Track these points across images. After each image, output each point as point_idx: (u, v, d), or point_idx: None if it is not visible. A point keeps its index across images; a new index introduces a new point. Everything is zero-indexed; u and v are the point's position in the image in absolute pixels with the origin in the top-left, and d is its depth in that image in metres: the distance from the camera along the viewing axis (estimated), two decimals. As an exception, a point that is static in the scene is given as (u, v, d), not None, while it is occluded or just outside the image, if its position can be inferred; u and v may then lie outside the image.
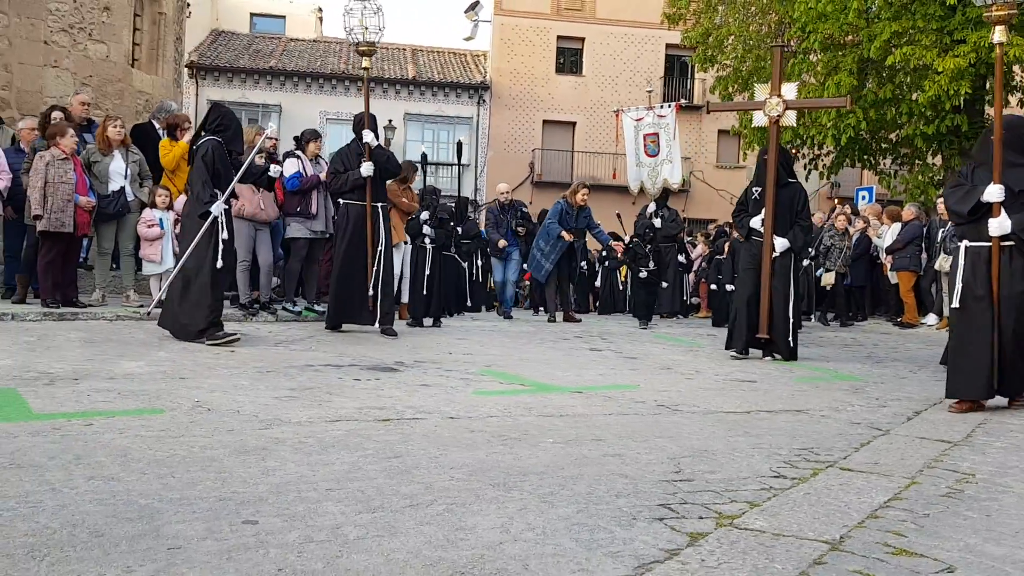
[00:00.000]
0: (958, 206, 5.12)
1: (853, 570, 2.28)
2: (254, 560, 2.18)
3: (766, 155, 7.52)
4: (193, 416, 3.93)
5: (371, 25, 7.87)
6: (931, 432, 4.34)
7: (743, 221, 7.55)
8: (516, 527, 2.54)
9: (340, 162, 7.89)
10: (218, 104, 7.62)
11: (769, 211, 7.26)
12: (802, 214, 7.47)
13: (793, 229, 7.35)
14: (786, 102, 7.58)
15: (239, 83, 28.42)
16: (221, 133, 6.97)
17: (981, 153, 5.24)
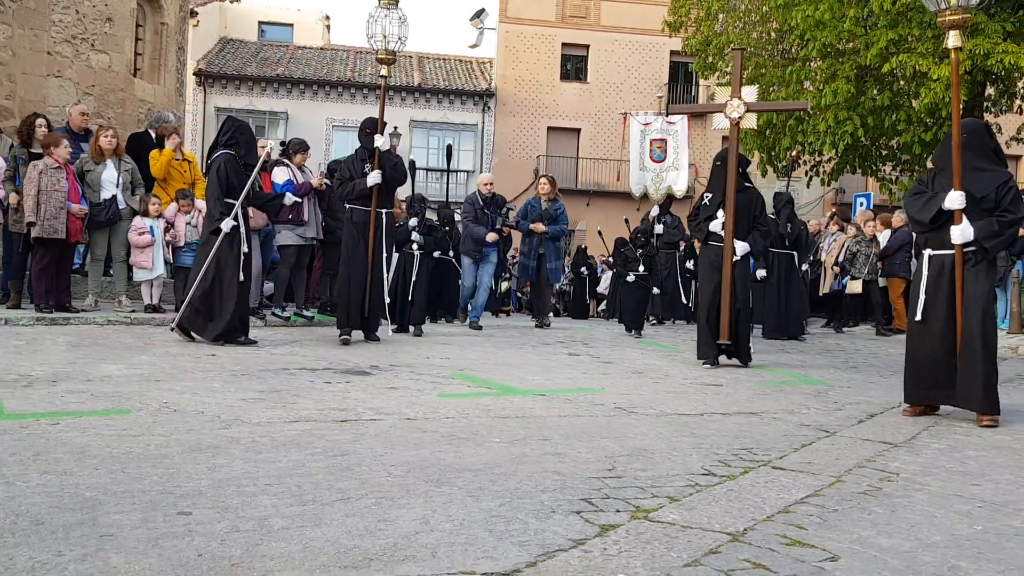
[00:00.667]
0: (919, 214, 5.07)
1: (743, 558, 2.42)
2: (178, 547, 2.35)
3: (719, 161, 7.57)
4: (157, 416, 4.10)
5: (391, 34, 7.87)
6: (877, 434, 4.46)
7: (700, 226, 7.55)
8: (436, 519, 2.69)
9: (347, 169, 7.88)
10: (231, 117, 7.79)
11: (730, 215, 7.29)
12: (760, 218, 7.58)
13: (752, 233, 7.43)
14: (747, 104, 7.62)
15: (246, 91, 28.73)
16: (234, 146, 7.19)
17: (941, 159, 5.19)
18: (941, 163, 5.16)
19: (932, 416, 5.07)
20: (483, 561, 2.35)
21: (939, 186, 5.06)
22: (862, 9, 16.40)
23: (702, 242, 7.63)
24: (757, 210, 7.56)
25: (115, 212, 8.41)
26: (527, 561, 2.36)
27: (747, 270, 7.44)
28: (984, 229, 4.84)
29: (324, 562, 2.28)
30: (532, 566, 2.33)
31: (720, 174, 7.49)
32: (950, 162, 4.97)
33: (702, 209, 7.55)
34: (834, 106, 16.62)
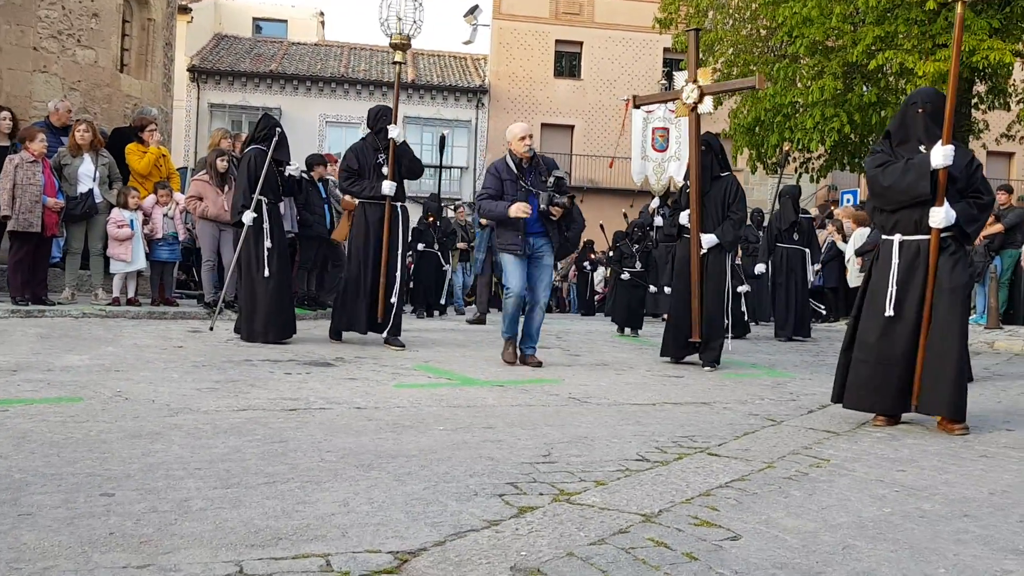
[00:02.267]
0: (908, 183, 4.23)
1: (648, 537, 2.47)
2: (92, 525, 2.40)
3: (704, 145, 7.12)
4: (107, 405, 4.15)
5: (406, 17, 7.42)
6: (822, 424, 4.51)
7: (674, 219, 7.24)
8: (356, 502, 2.74)
9: (355, 159, 7.25)
10: (268, 114, 7.86)
11: (694, 206, 6.86)
12: (734, 206, 7.01)
13: (723, 224, 6.91)
14: (701, 88, 7.14)
15: (240, 87, 28.78)
16: (264, 141, 7.31)
17: (902, 130, 4.48)
18: (902, 134, 4.47)
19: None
20: (391, 540, 2.40)
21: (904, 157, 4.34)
22: (849, 6, 16.46)
23: (677, 235, 7.24)
24: (731, 198, 7.02)
25: (91, 206, 8.47)
26: (435, 540, 2.41)
27: (721, 264, 6.90)
28: (965, 212, 4.30)
29: (232, 540, 2.33)
30: (440, 545, 2.38)
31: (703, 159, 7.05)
32: (913, 132, 4.39)
33: (683, 199, 7.25)
34: (821, 103, 16.68)
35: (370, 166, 7.19)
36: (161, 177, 9.22)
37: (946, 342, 4.22)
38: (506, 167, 6.56)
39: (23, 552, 2.18)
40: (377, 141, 7.25)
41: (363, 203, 7.22)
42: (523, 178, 6.45)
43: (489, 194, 6.51)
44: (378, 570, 2.18)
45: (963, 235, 4.35)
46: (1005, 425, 4.54)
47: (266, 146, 7.26)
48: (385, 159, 7.15)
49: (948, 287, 4.27)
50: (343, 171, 7.30)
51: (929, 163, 4.18)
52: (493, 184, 6.51)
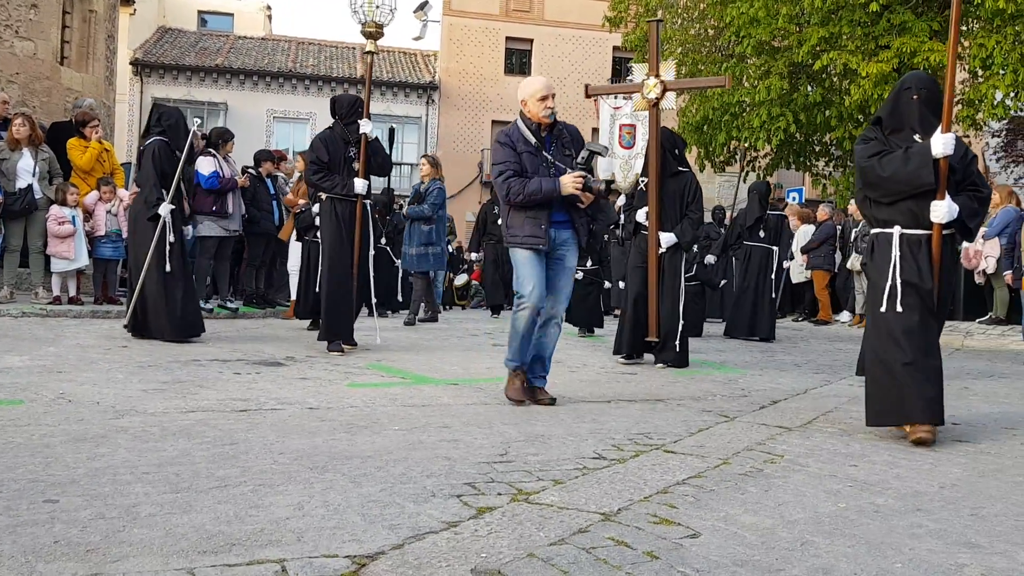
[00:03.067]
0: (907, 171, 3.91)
1: (608, 536, 2.46)
2: (36, 534, 2.31)
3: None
4: (50, 407, 4.03)
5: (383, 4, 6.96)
6: (775, 419, 4.56)
7: (630, 216, 7.05)
8: (311, 505, 2.69)
9: (324, 150, 6.72)
10: (158, 103, 7.53)
11: (653, 203, 6.68)
12: (692, 206, 6.86)
13: (681, 223, 6.76)
14: (664, 83, 6.93)
15: (185, 81, 28.24)
16: (163, 133, 7.03)
17: (895, 117, 4.17)
18: (895, 122, 4.17)
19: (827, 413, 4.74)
20: (349, 544, 2.35)
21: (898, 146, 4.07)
22: (795, 7, 16.72)
23: (632, 233, 7.03)
24: (689, 196, 6.86)
25: (31, 201, 8.23)
26: (393, 543, 2.37)
27: (677, 263, 6.77)
28: (967, 206, 4.00)
29: (184, 547, 2.26)
30: (398, 548, 2.34)
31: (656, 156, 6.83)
32: (907, 120, 4.11)
33: (638, 196, 7.04)
34: (768, 102, 16.92)
35: (340, 159, 6.76)
36: (104, 173, 8.98)
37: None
38: (521, 136, 4.86)
39: (-39, 563, 2.09)
40: (347, 133, 6.80)
41: (332, 199, 6.74)
42: (544, 149, 4.90)
43: (513, 170, 4.75)
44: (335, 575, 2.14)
45: (964, 231, 4.09)
46: (950, 420, 4.63)
47: (169, 139, 7.00)
48: (356, 153, 6.76)
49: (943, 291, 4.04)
50: (312, 163, 6.77)
51: (930, 151, 3.86)
52: (511, 158, 4.77)
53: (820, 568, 2.18)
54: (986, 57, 15.20)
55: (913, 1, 16.04)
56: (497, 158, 4.91)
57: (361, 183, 6.68)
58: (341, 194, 6.67)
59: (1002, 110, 15.67)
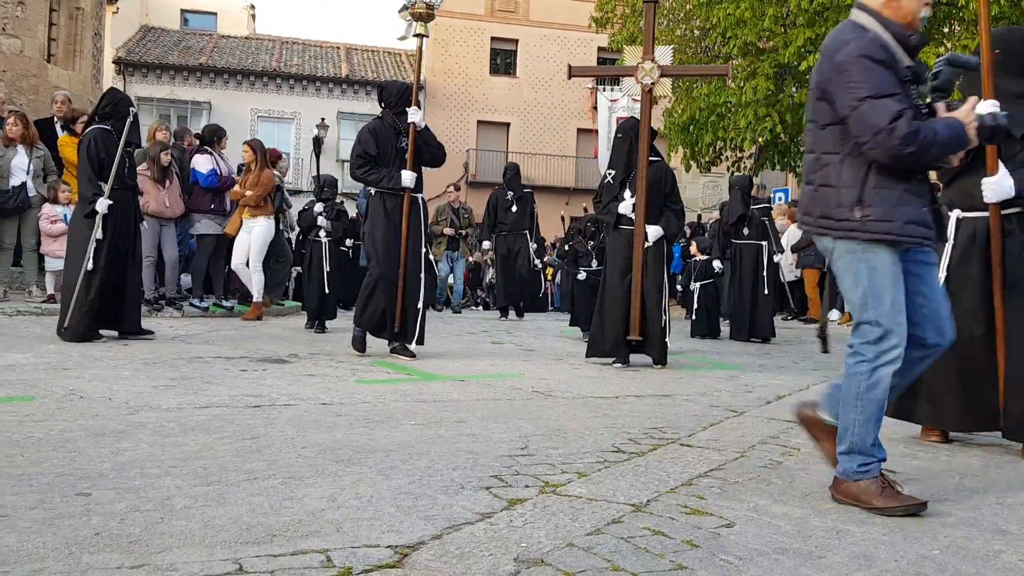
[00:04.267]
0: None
1: (643, 526, 2.48)
2: (75, 526, 2.30)
3: (620, 134, 6.65)
4: (63, 403, 4.00)
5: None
6: (783, 414, 4.58)
7: (608, 207, 6.58)
8: (344, 497, 2.69)
9: (373, 142, 6.37)
10: (115, 89, 7.12)
11: (641, 195, 6.34)
12: (672, 196, 6.57)
13: (666, 214, 6.47)
14: (661, 68, 6.50)
15: (168, 80, 28.05)
16: (109, 120, 6.56)
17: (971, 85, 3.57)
18: (970, 90, 3.52)
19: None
20: (388, 535, 2.36)
21: None
22: (781, 8, 16.86)
23: (612, 226, 6.65)
24: (668, 186, 6.57)
25: (24, 199, 8.16)
26: (432, 534, 2.38)
27: (662, 257, 6.51)
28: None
29: (225, 538, 2.26)
30: (437, 538, 2.35)
31: (622, 147, 6.58)
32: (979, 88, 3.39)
33: (605, 189, 6.68)
34: (754, 103, 17.05)
35: (391, 151, 6.37)
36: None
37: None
38: (882, 50, 2.71)
39: (7, 555, 2.08)
40: (397, 123, 6.42)
41: (381, 194, 6.38)
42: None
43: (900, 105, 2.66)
44: (380, 564, 2.14)
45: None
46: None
47: (110, 124, 6.53)
48: (406, 144, 6.37)
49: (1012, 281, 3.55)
50: (358, 157, 6.36)
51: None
52: (888, 82, 2.69)
53: (860, 555, 2.21)
54: (969, 59, 15.35)
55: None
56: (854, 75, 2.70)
57: (409, 175, 6.28)
58: (388, 187, 6.29)
59: (985, 111, 15.83)
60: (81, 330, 6.26)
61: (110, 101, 6.68)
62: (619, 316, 6.38)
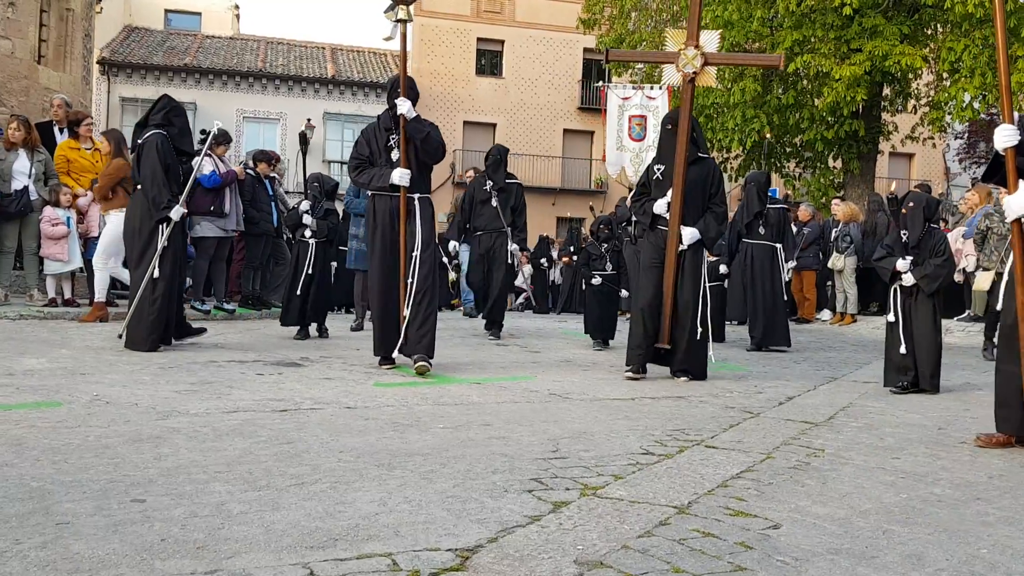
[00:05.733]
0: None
1: (692, 528, 2.54)
2: (139, 532, 2.34)
3: (670, 124, 6.11)
4: (91, 409, 4.02)
5: None
6: (798, 415, 4.68)
7: (645, 207, 6.09)
8: (393, 500, 2.74)
9: (365, 144, 6.02)
10: (168, 96, 6.87)
11: (677, 193, 5.83)
12: (716, 198, 6.05)
13: (705, 216, 5.97)
14: (706, 55, 5.93)
15: (153, 80, 27.88)
16: (166, 127, 6.46)
17: None
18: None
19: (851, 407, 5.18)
20: (445, 538, 2.41)
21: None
22: (769, 10, 17.01)
23: (648, 227, 6.13)
24: (714, 187, 6.05)
25: (26, 203, 8.12)
26: (488, 537, 2.43)
27: (698, 262, 5.97)
28: None
29: (289, 543, 2.30)
30: (493, 541, 2.40)
31: (672, 139, 6.02)
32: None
33: (653, 185, 6.13)
34: (742, 104, 17.20)
35: (380, 149, 5.92)
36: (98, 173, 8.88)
37: None
38: None
39: (80, 562, 2.11)
40: (389, 119, 5.97)
41: (373, 195, 5.93)
42: None
43: None
44: (444, 568, 2.19)
45: None
46: (967, 414, 4.80)
47: (168, 132, 6.45)
48: (397, 141, 5.87)
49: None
50: (352, 159, 6.07)
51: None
52: None
53: (912, 555, 2.28)
54: (955, 60, 15.58)
55: (883, 5, 16.38)
56: None
57: (399, 173, 5.74)
58: (377, 187, 5.84)
59: (971, 112, 16.06)
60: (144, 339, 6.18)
61: (165, 107, 6.56)
62: (652, 324, 5.92)
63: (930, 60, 16.90)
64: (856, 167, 18.03)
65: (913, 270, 5.20)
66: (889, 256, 5.34)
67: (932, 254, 5.17)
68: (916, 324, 5.24)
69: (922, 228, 5.22)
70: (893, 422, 4.51)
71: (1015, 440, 3.78)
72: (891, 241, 5.42)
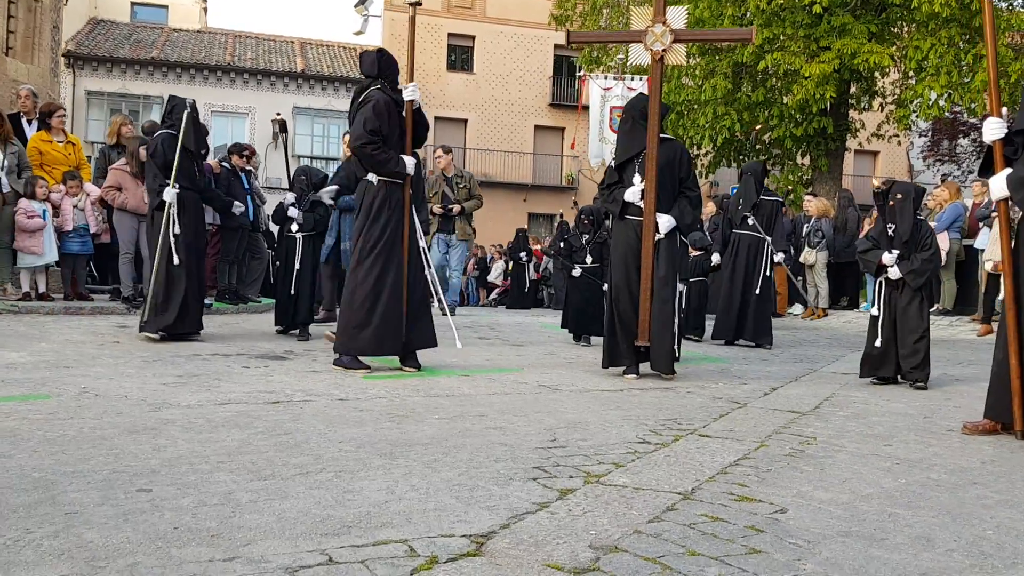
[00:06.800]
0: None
1: (700, 514, 2.57)
2: (150, 521, 2.32)
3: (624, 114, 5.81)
4: (81, 401, 3.97)
5: None
6: (784, 404, 4.75)
7: (614, 196, 5.72)
8: (401, 489, 2.74)
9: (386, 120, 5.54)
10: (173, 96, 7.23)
11: (651, 180, 5.48)
12: (688, 182, 5.70)
13: (679, 202, 5.61)
14: (674, 32, 5.65)
15: (119, 74, 27.49)
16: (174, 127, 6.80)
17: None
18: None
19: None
20: (459, 524, 2.41)
21: None
22: (739, 8, 17.16)
23: (617, 216, 5.80)
24: (683, 170, 5.69)
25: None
26: (500, 523, 2.44)
27: (673, 251, 5.64)
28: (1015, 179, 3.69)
29: (303, 531, 2.30)
30: (506, 527, 2.41)
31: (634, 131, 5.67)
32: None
33: (607, 173, 5.91)
34: (713, 101, 17.34)
35: (394, 131, 5.57)
36: (71, 167, 8.75)
37: None
38: None
39: (95, 550, 2.09)
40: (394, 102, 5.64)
41: (386, 183, 5.53)
42: None
43: None
44: (461, 553, 2.20)
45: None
46: (949, 403, 4.89)
47: (176, 131, 6.74)
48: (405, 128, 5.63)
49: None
50: (372, 132, 5.40)
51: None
52: None
53: (921, 536, 2.33)
54: (921, 59, 15.84)
55: (852, 4, 16.59)
56: None
57: (412, 161, 5.55)
58: (394, 172, 5.47)
59: (936, 110, 16.33)
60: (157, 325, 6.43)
61: (169, 108, 6.96)
62: (629, 319, 5.62)
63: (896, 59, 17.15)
64: (824, 164, 18.26)
65: (899, 264, 5.27)
66: (874, 249, 5.40)
67: (919, 248, 5.24)
68: (903, 317, 5.30)
69: (912, 220, 5.29)
70: (879, 411, 4.59)
71: (1001, 427, 3.85)
72: (876, 234, 5.48)
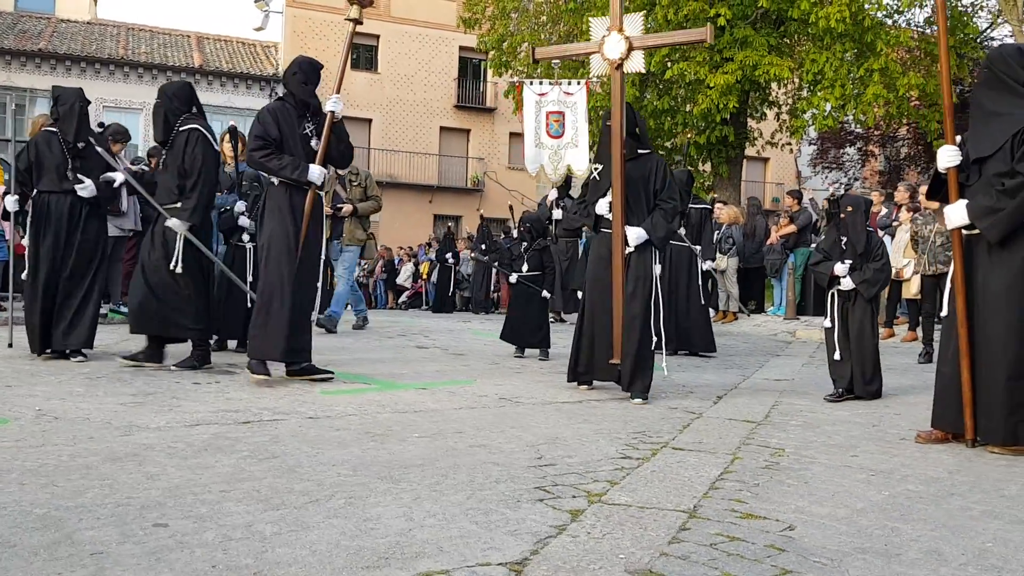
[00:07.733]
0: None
1: (715, 533, 2.67)
2: (184, 560, 2.26)
3: (610, 120, 5.71)
4: (42, 425, 3.80)
5: None
6: (736, 414, 4.92)
7: (588, 209, 5.72)
8: (418, 515, 2.74)
9: (275, 124, 5.51)
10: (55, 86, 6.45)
11: (618, 193, 5.43)
12: (664, 193, 5.59)
13: (652, 214, 5.52)
14: (630, 39, 5.59)
15: (3, 66, 26.09)
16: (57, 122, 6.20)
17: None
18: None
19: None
20: (490, 552, 2.44)
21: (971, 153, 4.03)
22: (647, 19, 17.58)
23: (592, 229, 5.80)
24: (658, 183, 5.60)
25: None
26: (529, 548, 2.48)
27: (647, 266, 5.47)
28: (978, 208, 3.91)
29: (341, 564, 2.28)
30: (536, 553, 2.45)
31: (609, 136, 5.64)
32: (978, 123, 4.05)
33: (590, 186, 5.84)
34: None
35: (296, 137, 5.57)
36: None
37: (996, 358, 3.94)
38: None
39: (140, 594, 2.03)
40: (307, 105, 5.68)
41: (285, 184, 5.53)
42: None
43: None
44: (502, 582, 2.23)
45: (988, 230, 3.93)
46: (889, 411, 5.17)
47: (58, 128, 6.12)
48: (314, 130, 5.64)
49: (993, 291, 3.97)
50: (257, 138, 5.46)
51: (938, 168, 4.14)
52: None
53: (931, 551, 2.48)
54: (817, 72, 16.58)
55: (753, 17, 17.22)
56: None
57: (318, 170, 5.52)
58: (292, 179, 5.45)
59: (831, 120, 17.12)
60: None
61: (57, 97, 6.22)
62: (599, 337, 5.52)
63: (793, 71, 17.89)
64: (725, 171, 18.90)
65: (852, 274, 5.52)
66: (826, 260, 5.65)
67: (871, 258, 5.51)
68: (854, 329, 5.56)
69: (864, 232, 5.54)
70: (829, 419, 4.82)
71: (951, 436, 4.10)
72: (827, 245, 5.73)
